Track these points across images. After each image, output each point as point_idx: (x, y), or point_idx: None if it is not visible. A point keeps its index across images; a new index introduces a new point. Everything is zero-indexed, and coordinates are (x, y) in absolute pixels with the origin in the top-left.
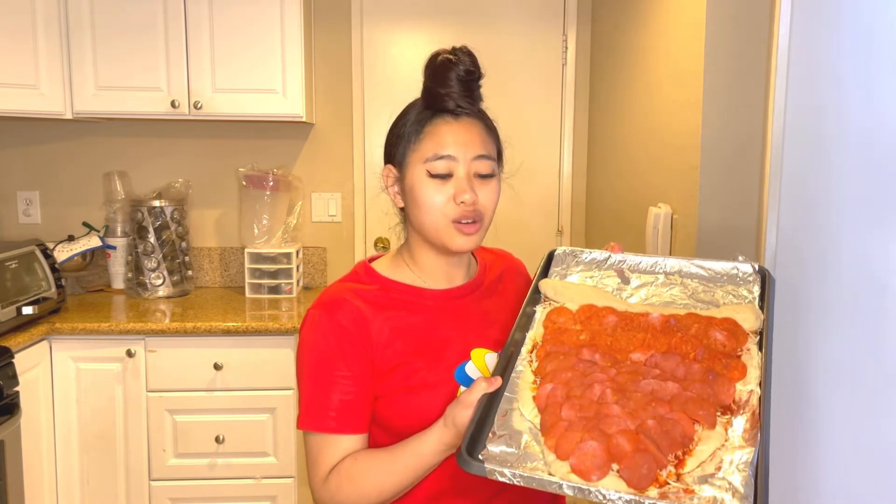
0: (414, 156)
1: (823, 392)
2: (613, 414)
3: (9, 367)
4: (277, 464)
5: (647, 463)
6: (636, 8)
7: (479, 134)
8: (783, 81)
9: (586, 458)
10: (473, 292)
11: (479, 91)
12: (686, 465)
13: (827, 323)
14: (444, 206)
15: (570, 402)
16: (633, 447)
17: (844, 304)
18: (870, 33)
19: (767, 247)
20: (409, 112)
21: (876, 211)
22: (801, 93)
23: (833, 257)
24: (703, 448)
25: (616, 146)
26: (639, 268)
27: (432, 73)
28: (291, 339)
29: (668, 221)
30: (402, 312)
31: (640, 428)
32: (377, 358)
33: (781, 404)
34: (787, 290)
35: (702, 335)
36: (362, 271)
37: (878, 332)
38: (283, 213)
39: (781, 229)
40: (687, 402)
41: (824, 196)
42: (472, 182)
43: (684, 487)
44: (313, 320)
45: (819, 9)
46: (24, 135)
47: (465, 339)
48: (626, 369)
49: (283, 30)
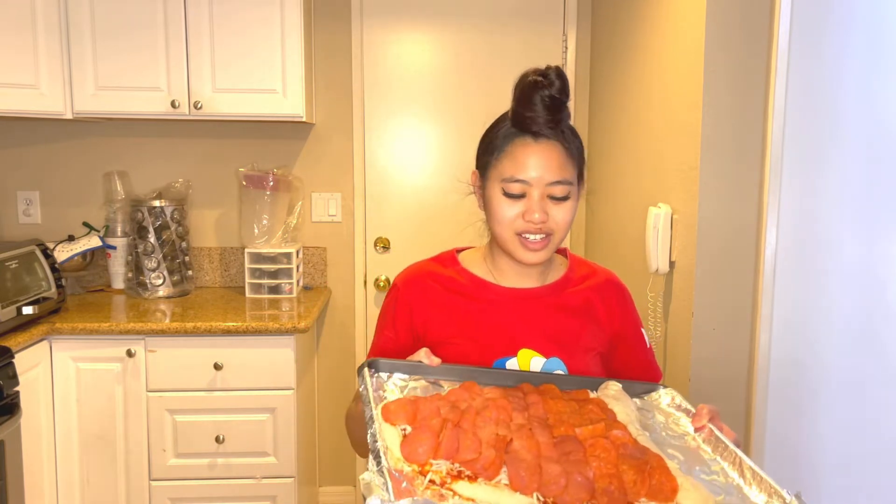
0: (494, 171)
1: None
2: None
3: (9, 367)
4: (277, 464)
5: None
6: (636, 8)
7: (558, 158)
8: (783, 81)
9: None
10: (542, 297)
11: (565, 113)
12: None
13: (827, 322)
14: (513, 220)
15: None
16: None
17: (844, 304)
18: (870, 33)
19: (767, 247)
20: (500, 124)
21: (876, 211)
22: (801, 93)
23: (833, 257)
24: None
25: (616, 146)
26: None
27: (520, 93)
28: (292, 339)
29: (668, 221)
30: (465, 299)
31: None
32: (429, 332)
33: (782, 404)
34: (787, 290)
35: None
36: (446, 257)
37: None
38: (283, 213)
39: (781, 229)
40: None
41: (824, 196)
42: (545, 204)
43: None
44: (393, 284)
45: (819, 9)
46: (24, 135)
47: (517, 338)
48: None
49: (283, 30)
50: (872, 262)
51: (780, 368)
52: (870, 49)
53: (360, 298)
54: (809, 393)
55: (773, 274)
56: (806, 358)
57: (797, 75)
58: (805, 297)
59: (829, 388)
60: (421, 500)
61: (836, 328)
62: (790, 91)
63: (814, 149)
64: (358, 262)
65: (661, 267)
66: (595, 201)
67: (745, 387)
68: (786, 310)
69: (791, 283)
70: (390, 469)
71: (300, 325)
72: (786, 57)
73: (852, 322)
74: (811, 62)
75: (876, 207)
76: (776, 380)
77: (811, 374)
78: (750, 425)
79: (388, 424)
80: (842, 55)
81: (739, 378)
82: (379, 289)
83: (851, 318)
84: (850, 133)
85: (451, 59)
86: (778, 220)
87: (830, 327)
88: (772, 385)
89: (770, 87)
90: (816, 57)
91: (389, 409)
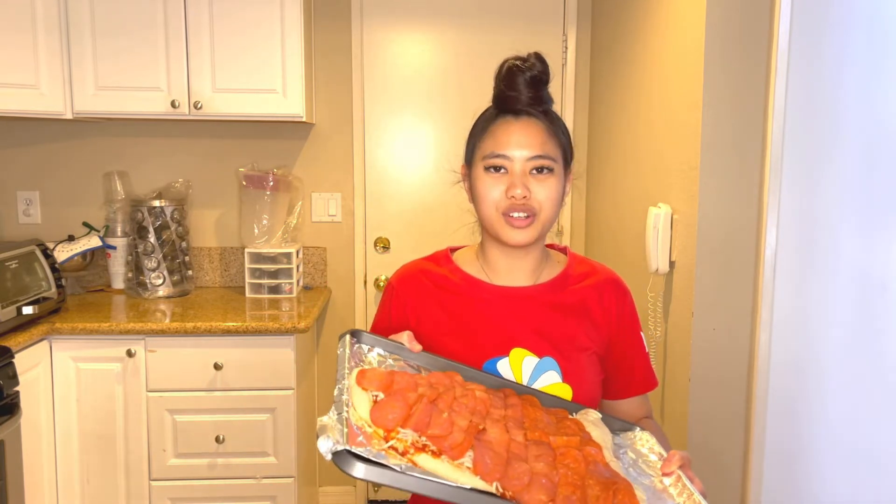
0: (477, 154)
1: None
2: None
3: (9, 367)
4: (277, 464)
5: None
6: (636, 8)
7: (540, 134)
8: (783, 81)
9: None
10: (536, 296)
11: (546, 93)
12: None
13: (827, 322)
14: (497, 199)
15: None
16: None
17: (844, 304)
18: (870, 33)
19: (767, 247)
20: (482, 114)
21: (875, 211)
22: (801, 93)
23: (833, 257)
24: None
25: (616, 146)
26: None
27: (502, 78)
28: (291, 339)
29: (668, 221)
30: (457, 297)
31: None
32: (421, 328)
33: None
34: (787, 290)
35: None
36: (440, 255)
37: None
38: (283, 213)
39: (781, 229)
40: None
41: (824, 196)
42: (527, 178)
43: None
44: (388, 282)
45: (819, 9)
46: (24, 135)
47: (509, 337)
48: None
49: (283, 30)
50: (872, 262)
51: (780, 368)
52: (870, 49)
53: (360, 298)
54: (809, 393)
55: (773, 274)
56: (806, 358)
57: (797, 75)
58: (805, 297)
59: (828, 389)
60: (374, 452)
61: (835, 328)
62: (790, 91)
63: (814, 149)
64: (358, 262)
65: (661, 267)
66: (595, 201)
67: (745, 386)
68: (786, 309)
69: (791, 283)
70: (350, 421)
71: (300, 325)
72: (786, 57)
73: (852, 322)
74: (811, 62)
75: (876, 207)
76: (776, 380)
77: (811, 374)
78: (750, 425)
79: (360, 389)
80: (842, 55)
81: (739, 378)
82: (379, 289)
83: (851, 318)
84: (850, 133)
85: (450, 59)
86: (778, 220)
87: (830, 327)
88: (772, 385)
89: (770, 87)
90: (816, 57)
91: (365, 374)
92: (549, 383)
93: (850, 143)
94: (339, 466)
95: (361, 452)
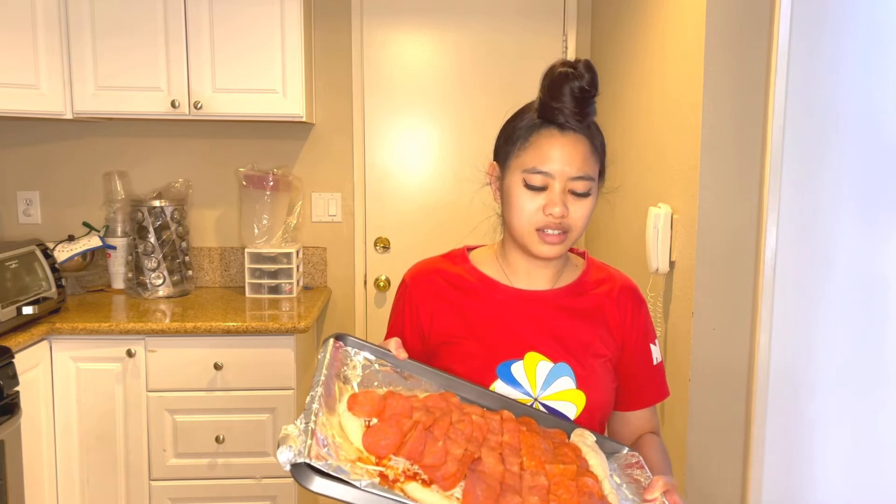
0: (516, 161)
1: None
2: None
3: (9, 367)
4: (277, 464)
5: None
6: (636, 8)
7: (583, 153)
8: (783, 81)
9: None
10: (553, 300)
11: (592, 107)
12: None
13: (827, 322)
14: (532, 214)
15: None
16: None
17: (844, 304)
18: (869, 33)
19: (767, 247)
20: (523, 115)
21: (875, 211)
22: (800, 92)
23: (833, 257)
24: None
25: (616, 146)
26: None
27: (549, 83)
28: (291, 339)
29: (668, 221)
30: (472, 298)
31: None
32: (434, 328)
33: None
34: (787, 290)
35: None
36: (457, 254)
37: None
38: (283, 213)
39: (781, 229)
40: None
41: (824, 196)
42: (566, 198)
43: None
44: (402, 280)
45: (819, 9)
46: (24, 135)
47: (524, 340)
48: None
49: (283, 30)
50: (872, 262)
51: (780, 368)
52: (869, 49)
53: (360, 298)
54: (809, 393)
55: (773, 274)
56: (805, 358)
57: (797, 75)
58: (805, 297)
59: (828, 388)
60: (334, 466)
61: (835, 328)
62: (790, 91)
63: (814, 148)
64: (358, 262)
65: (661, 267)
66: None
67: (745, 386)
68: (786, 309)
69: (791, 282)
70: (316, 432)
71: (300, 325)
72: (786, 57)
73: (852, 322)
74: (811, 62)
75: (876, 207)
76: (776, 379)
77: (811, 373)
78: (750, 425)
79: (351, 415)
80: (841, 55)
81: (739, 377)
82: (379, 289)
83: (851, 317)
84: (850, 133)
85: (451, 59)
86: (778, 220)
87: (830, 327)
88: (772, 385)
89: (770, 87)
90: (816, 57)
91: (357, 398)
92: (563, 389)
93: (850, 143)
94: (297, 479)
95: (321, 466)
